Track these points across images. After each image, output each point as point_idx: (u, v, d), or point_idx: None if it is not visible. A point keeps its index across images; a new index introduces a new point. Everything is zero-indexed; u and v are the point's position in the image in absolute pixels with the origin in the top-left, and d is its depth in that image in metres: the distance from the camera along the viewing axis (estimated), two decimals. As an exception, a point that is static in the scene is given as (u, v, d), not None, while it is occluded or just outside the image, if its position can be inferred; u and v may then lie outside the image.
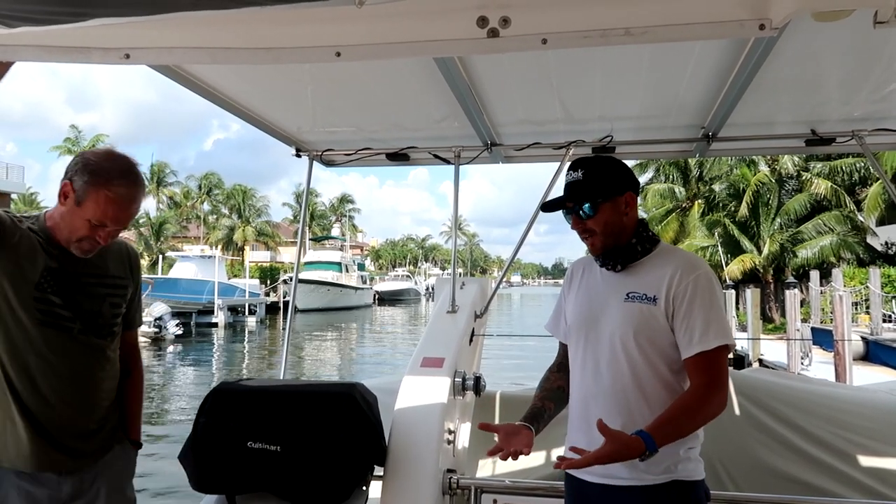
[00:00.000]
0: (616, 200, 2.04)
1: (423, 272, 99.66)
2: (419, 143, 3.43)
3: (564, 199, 2.06)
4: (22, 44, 1.40)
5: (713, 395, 1.88)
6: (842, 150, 3.53)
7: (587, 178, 2.03)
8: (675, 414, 1.87)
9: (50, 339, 1.97)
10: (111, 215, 1.96)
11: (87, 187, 1.94)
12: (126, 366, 2.26)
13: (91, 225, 1.96)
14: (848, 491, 3.04)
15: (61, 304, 1.98)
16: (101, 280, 2.11)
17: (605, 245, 2.03)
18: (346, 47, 1.39)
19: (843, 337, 14.04)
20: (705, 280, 1.96)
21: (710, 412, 1.89)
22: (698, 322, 1.91)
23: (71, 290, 2.01)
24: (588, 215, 2.02)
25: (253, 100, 2.92)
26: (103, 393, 2.13)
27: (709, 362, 1.89)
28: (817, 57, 2.41)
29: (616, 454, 1.78)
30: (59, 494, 2.01)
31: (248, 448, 2.45)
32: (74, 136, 54.41)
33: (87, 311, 2.04)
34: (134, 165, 2.02)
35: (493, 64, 2.48)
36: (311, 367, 22.76)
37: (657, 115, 3.09)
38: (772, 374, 4.53)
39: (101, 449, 2.12)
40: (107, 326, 2.11)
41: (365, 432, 2.46)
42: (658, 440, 1.79)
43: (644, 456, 1.78)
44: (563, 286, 2.30)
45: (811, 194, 26.89)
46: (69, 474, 2.03)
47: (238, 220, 62.96)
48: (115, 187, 1.95)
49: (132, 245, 2.36)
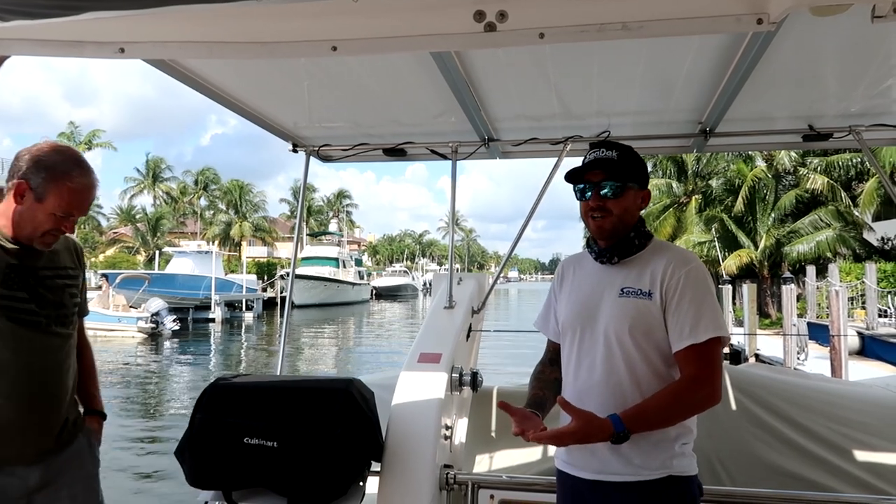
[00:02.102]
0: (639, 192, 2.06)
1: (420, 268, 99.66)
2: (416, 139, 3.43)
3: (593, 170, 2.01)
4: (15, 37, 1.39)
5: (700, 387, 1.87)
6: (839, 145, 3.53)
7: (622, 159, 2.02)
8: (653, 402, 1.87)
9: (21, 336, 2.02)
10: (76, 204, 2.07)
11: (46, 183, 2.02)
12: (79, 349, 2.33)
13: (56, 217, 2.05)
14: (843, 485, 3.05)
15: (27, 298, 2.04)
16: (57, 272, 2.18)
17: (614, 229, 2.02)
18: (342, 42, 1.38)
19: (839, 332, 14.10)
20: (697, 273, 1.96)
21: (696, 405, 1.89)
22: (690, 315, 1.90)
23: (33, 284, 2.08)
24: (614, 194, 2.00)
25: (249, 95, 2.90)
26: (69, 382, 2.19)
27: (698, 355, 1.89)
28: (815, 52, 2.41)
29: (582, 432, 1.80)
30: (27, 483, 2.05)
31: (245, 444, 2.45)
32: (70, 131, 54.16)
33: (51, 303, 2.11)
34: (81, 154, 2.14)
35: (491, 58, 2.47)
36: (308, 362, 22.75)
37: (654, 111, 3.09)
38: (768, 369, 4.54)
39: (67, 439, 2.17)
40: (69, 316, 2.18)
41: (362, 428, 2.46)
42: (629, 424, 1.80)
43: (614, 438, 1.79)
44: (554, 284, 2.29)
45: (808, 190, 26.93)
46: (36, 464, 2.07)
47: (235, 216, 62.84)
48: (75, 178, 2.05)
49: (72, 236, 2.42)
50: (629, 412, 1.83)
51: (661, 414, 1.87)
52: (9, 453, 2.01)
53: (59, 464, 2.12)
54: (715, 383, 1.90)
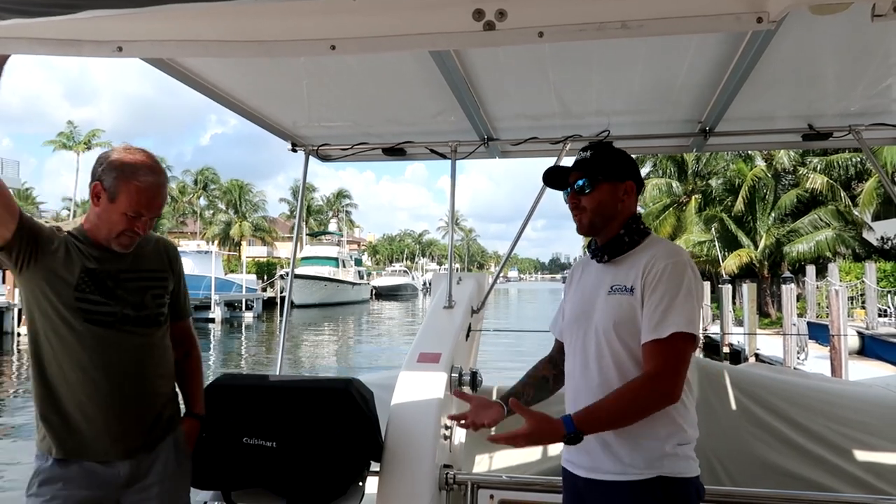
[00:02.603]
0: (616, 185, 2.05)
1: (420, 267, 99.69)
2: (415, 138, 3.42)
3: (566, 172, 2.09)
4: (13, 36, 1.39)
5: (656, 384, 1.83)
6: (839, 145, 3.53)
7: (594, 156, 2.07)
8: (606, 402, 1.84)
9: (97, 335, 2.07)
10: (144, 204, 2.08)
11: (117, 183, 2.06)
12: (184, 349, 2.38)
13: (128, 217, 2.08)
14: (843, 485, 3.05)
15: (103, 300, 2.10)
16: (139, 274, 2.21)
17: (591, 224, 2.05)
18: (341, 40, 1.38)
19: (838, 331, 14.10)
20: (676, 268, 1.91)
21: (651, 403, 1.84)
22: (659, 309, 1.87)
23: (111, 286, 2.12)
24: (584, 191, 2.03)
25: (248, 94, 2.90)
26: (156, 382, 2.21)
27: (659, 350, 1.84)
28: (815, 51, 2.41)
29: (534, 434, 1.80)
30: (118, 478, 2.11)
31: (244, 444, 2.45)
32: (69, 130, 54.16)
33: (130, 304, 2.15)
34: (152, 156, 2.16)
35: (490, 58, 2.46)
36: (307, 362, 22.75)
37: (654, 110, 3.08)
38: (768, 369, 4.54)
39: (157, 438, 2.20)
40: (151, 317, 2.20)
41: (361, 428, 2.46)
42: (581, 425, 1.79)
43: (566, 439, 1.80)
44: (566, 286, 2.31)
45: (807, 189, 26.94)
46: (126, 460, 2.12)
47: (234, 216, 62.83)
48: (142, 177, 2.07)
49: (169, 240, 2.50)
50: (581, 413, 1.82)
51: (614, 413, 1.83)
52: (98, 449, 2.08)
53: (148, 462, 2.17)
54: (674, 380, 1.84)
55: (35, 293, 2.08)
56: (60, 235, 2.11)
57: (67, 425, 2.07)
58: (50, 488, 2.04)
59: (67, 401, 2.06)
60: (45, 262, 2.06)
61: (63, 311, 2.05)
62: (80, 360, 2.06)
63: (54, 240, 2.09)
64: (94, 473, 2.07)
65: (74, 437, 2.06)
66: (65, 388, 2.06)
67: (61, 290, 2.06)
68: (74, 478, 2.05)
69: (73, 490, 2.04)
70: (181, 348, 2.36)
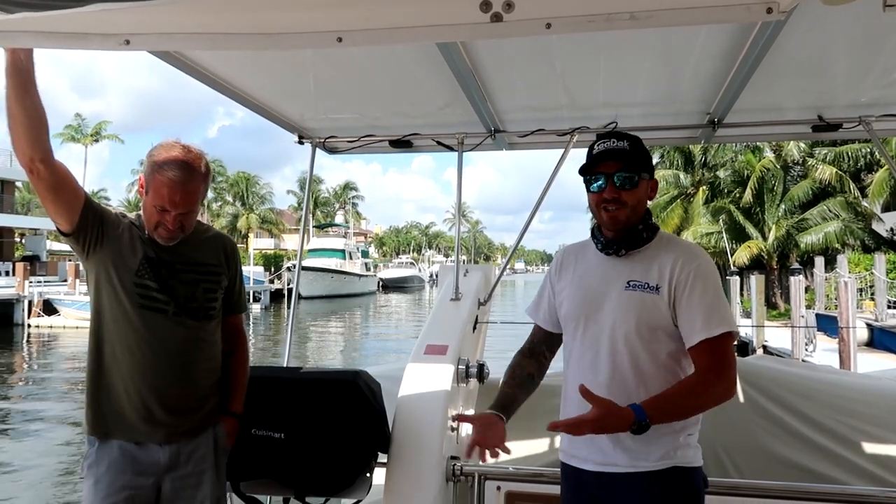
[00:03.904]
0: (649, 183, 2.04)
1: (426, 259, 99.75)
2: (422, 130, 3.42)
3: (605, 161, 1.98)
4: (20, 29, 1.39)
5: (718, 380, 1.87)
6: (849, 136, 3.50)
7: (634, 150, 1.99)
8: (675, 392, 1.85)
9: (148, 320, 2.14)
10: (167, 198, 2.10)
11: (148, 177, 2.13)
12: (231, 346, 2.40)
13: (157, 210, 2.12)
14: (852, 478, 3.04)
15: (157, 288, 2.16)
16: (193, 267, 2.26)
17: (628, 221, 1.99)
18: (348, 32, 1.37)
19: (847, 323, 14.03)
20: (706, 268, 1.96)
21: (714, 398, 1.88)
22: (701, 310, 1.89)
23: (166, 275, 2.19)
24: (630, 186, 1.97)
25: (255, 86, 2.90)
26: (201, 373, 2.25)
27: (713, 349, 1.88)
28: (825, 41, 2.39)
29: (603, 421, 1.76)
30: (158, 463, 2.16)
31: (253, 435, 2.47)
32: (77, 123, 54.32)
33: (181, 295, 2.20)
34: (188, 152, 2.15)
35: (497, 49, 2.45)
36: (315, 354, 22.84)
37: (662, 101, 3.07)
38: (776, 361, 4.52)
39: (198, 428, 2.24)
40: (201, 310, 2.25)
41: (369, 419, 2.47)
42: (651, 414, 1.77)
43: (634, 428, 1.75)
44: (551, 272, 2.24)
45: (816, 180, 26.76)
46: (168, 444, 2.17)
47: (242, 208, 62.94)
48: (166, 171, 2.09)
49: (227, 236, 2.56)
50: (651, 402, 1.81)
51: (680, 406, 1.86)
52: (141, 430, 2.14)
53: (188, 450, 2.20)
54: (731, 377, 1.89)
55: (100, 275, 2.15)
56: (125, 221, 2.20)
57: (112, 403, 2.13)
58: (95, 471, 2.12)
59: (115, 380, 2.13)
60: (111, 245, 2.14)
61: (121, 294, 2.13)
62: (130, 342, 2.13)
63: (119, 224, 2.18)
64: (136, 459, 2.13)
65: (118, 416, 2.13)
66: (114, 367, 2.14)
67: (123, 272, 2.14)
68: (117, 462, 2.12)
69: (115, 474, 2.10)
70: (228, 344, 2.38)
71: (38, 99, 1.88)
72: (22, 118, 1.86)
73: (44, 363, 21.43)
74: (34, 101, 1.87)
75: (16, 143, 1.90)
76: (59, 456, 10.57)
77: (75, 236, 2.11)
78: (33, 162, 1.92)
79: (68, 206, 2.06)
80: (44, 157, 1.93)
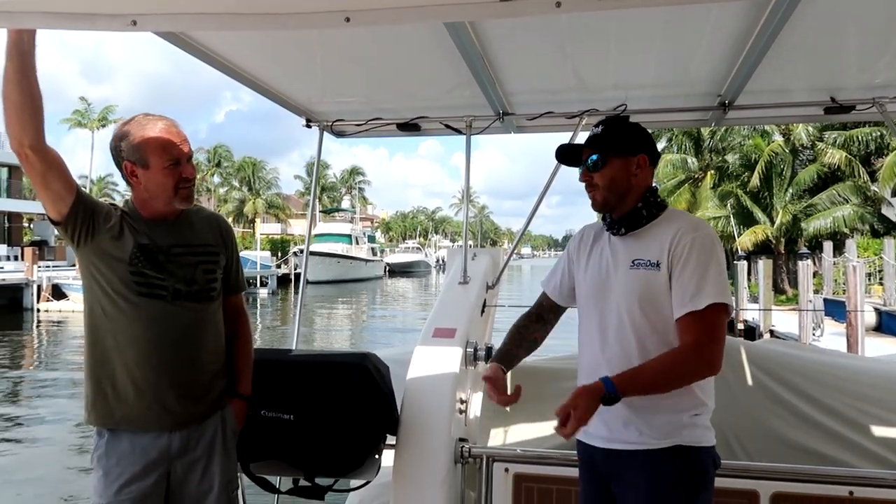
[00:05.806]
0: (628, 160, 2.03)
1: (433, 244, 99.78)
2: (430, 113, 3.40)
3: (579, 149, 2.09)
4: (26, 10, 1.38)
5: (697, 354, 1.84)
6: (861, 118, 3.46)
7: (604, 133, 2.05)
8: (648, 366, 1.85)
9: (150, 307, 2.13)
10: (177, 146, 2.13)
11: (139, 149, 2.10)
12: (233, 327, 2.39)
13: (171, 168, 2.12)
14: (860, 461, 3.05)
15: (156, 274, 2.14)
16: (191, 249, 2.24)
17: (605, 201, 2.04)
18: (356, 12, 1.36)
19: (855, 308, 13.97)
20: (704, 240, 1.93)
21: (692, 372, 1.86)
22: (692, 282, 1.88)
23: (163, 260, 2.16)
24: (596, 167, 2.03)
25: (262, 69, 2.89)
26: (207, 357, 2.24)
27: (698, 322, 1.85)
28: (838, 21, 2.35)
29: (575, 401, 1.77)
30: (168, 451, 2.15)
31: (263, 416, 2.48)
32: (84, 108, 54.36)
33: (181, 279, 2.18)
34: (146, 112, 2.19)
35: (506, 30, 2.43)
36: (322, 338, 22.95)
37: (672, 83, 3.03)
38: (784, 345, 4.51)
39: (206, 412, 2.24)
40: (202, 292, 2.23)
41: (377, 401, 2.48)
42: (619, 385, 1.78)
43: (604, 399, 1.77)
44: (570, 247, 2.28)
45: (825, 164, 26.54)
46: (176, 431, 2.16)
47: (248, 193, 63.02)
48: (149, 128, 2.11)
49: (221, 215, 2.55)
50: (622, 375, 1.82)
51: (654, 379, 1.84)
52: (149, 418, 2.13)
53: (197, 435, 2.20)
54: (714, 351, 1.85)
55: (91, 268, 2.13)
56: (116, 212, 2.17)
57: (119, 395, 2.12)
58: (105, 463, 2.11)
59: (121, 372, 2.12)
60: (102, 237, 2.12)
61: (118, 285, 2.11)
62: (135, 332, 2.11)
63: (111, 216, 2.15)
64: (145, 448, 2.12)
65: (125, 407, 2.12)
66: (119, 359, 2.12)
67: (116, 264, 2.11)
68: (127, 453, 2.11)
69: (125, 465, 2.10)
70: (230, 325, 2.37)
71: (36, 83, 1.86)
72: (18, 102, 1.84)
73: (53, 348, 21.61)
74: (31, 86, 1.85)
75: (8, 126, 1.87)
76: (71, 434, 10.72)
77: (64, 226, 2.09)
78: (23, 147, 1.89)
79: (57, 195, 2.03)
80: (34, 143, 1.90)
